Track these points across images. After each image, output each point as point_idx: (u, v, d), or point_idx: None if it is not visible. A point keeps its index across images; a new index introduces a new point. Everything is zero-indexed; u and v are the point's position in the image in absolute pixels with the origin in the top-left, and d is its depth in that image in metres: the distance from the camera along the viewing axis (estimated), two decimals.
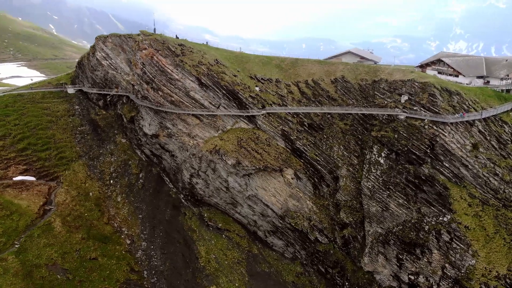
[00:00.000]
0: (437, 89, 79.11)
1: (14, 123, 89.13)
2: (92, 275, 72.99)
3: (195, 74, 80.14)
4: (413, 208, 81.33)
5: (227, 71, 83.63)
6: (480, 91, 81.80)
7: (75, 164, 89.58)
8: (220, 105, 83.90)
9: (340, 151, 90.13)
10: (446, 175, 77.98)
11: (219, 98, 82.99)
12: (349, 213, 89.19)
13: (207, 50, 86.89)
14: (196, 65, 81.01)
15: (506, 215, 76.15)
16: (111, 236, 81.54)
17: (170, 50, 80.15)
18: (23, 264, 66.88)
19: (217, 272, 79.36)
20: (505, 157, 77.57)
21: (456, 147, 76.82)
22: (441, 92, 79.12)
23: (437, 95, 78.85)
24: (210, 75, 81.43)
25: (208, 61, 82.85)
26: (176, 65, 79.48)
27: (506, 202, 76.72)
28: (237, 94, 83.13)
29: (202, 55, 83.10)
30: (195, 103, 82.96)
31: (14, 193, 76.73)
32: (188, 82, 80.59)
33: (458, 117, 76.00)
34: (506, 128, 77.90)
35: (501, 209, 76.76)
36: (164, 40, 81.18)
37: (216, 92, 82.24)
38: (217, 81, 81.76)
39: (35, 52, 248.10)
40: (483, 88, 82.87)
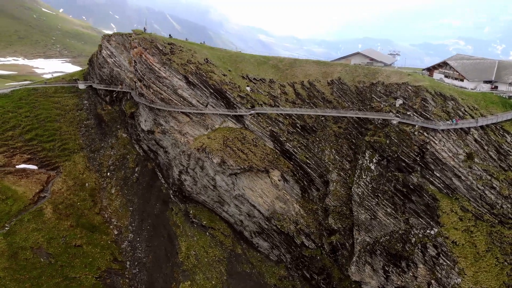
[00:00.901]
0: (429, 94, 74.38)
1: (25, 115, 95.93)
2: (74, 261, 76.84)
3: (182, 72, 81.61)
4: (401, 218, 77.19)
5: (216, 70, 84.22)
6: (482, 96, 75.70)
7: (76, 155, 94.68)
8: (208, 104, 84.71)
9: (331, 155, 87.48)
10: (437, 185, 73.16)
11: (207, 97, 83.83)
12: (338, 219, 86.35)
13: (199, 49, 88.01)
14: (184, 63, 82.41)
15: (502, 232, 70.00)
16: (99, 226, 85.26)
17: (157, 49, 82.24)
18: (10, 246, 71.90)
19: (194, 268, 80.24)
20: (505, 169, 71.17)
21: (448, 156, 71.79)
22: (434, 96, 74.27)
23: (429, 99, 74.17)
24: (199, 73, 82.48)
25: (198, 60, 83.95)
26: (163, 63, 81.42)
27: (503, 218, 70.51)
28: (224, 94, 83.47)
29: (192, 54, 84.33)
30: (184, 101, 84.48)
31: (14, 179, 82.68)
32: (176, 80, 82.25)
33: (449, 124, 70.92)
34: (508, 138, 71.42)
35: (497, 225, 70.67)
36: (153, 39, 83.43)
37: (203, 90, 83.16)
38: (205, 80, 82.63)
39: (81, 49, 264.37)
40: (486, 94, 76.60)
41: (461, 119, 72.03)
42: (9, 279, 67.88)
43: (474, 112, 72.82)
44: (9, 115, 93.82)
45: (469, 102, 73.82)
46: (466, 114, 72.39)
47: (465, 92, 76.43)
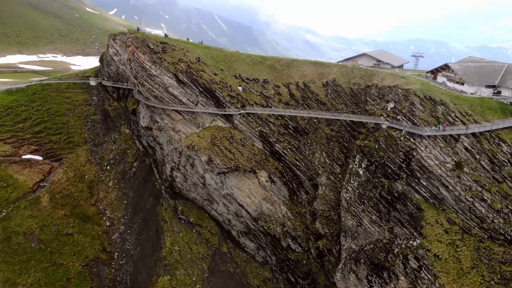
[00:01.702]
0: (417, 97, 70.64)
1: (36, 109, 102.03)
2: (64, 248, 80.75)
3: (172, 71, 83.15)
4: (385, 227, 74.09)
5: (207, 69, 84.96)
6: (479, 102, 70.62)
7: (79, 148, 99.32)
8: (198, 102, 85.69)
9: (322, 158, 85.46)
10: (423, 194, 69.50)
11: (196, 95, 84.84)
12: (325, 224, 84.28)
13: (192, 48, 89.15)
14: (176, 62, 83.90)
15: (491, 249, 65.14)
16: (93, 217, 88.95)
17: (149, 48, 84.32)
18: (4, 230, 76.90)
19: (176, 263, 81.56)
20: (499, 181, 65.97)
21: (434, 164, 67.90)
22: (422, 100, 70.43)
23: (416, 104, 70.48)
24: (189, 72, 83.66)
25: (189, 59, 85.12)
26: (154, 61, 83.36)
27: (494, 233, 65.57)
28: (214, 92, 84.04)
29: (184, 53, 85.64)
30: (175, 99, 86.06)
31: (18, 168, 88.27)
32: (166, 78, 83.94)
33: (435, 130, 66.97)
34: (504, 148, 66.06)
35: (486, 241, 65.89)
36: (145, 38, 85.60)
37: (193, 89, 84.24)
38: (195, 78, 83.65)
39: None
40: (484, 99, 71.40)
41: (451, 126, 67.75)
42: (0, 261, 72.66)
43: (467, 119, 68.16)
44: (21, 108, 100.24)
45: (463, 107, 69.20)
46: (456, 120, 67.95)
47: (461, 96, 71.71)
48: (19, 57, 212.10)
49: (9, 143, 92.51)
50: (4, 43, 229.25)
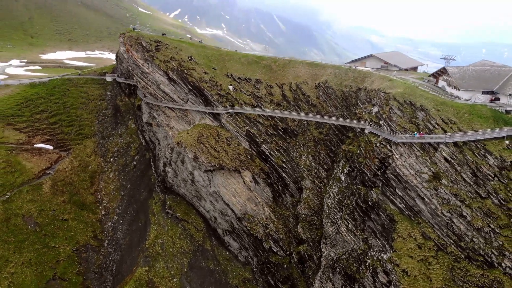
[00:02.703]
0: (396, 102, 66.48)
1: (54, 101, 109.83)
2: (57, 232, 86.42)
3: (163, 68, 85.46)
4: (360, 236, 70.86)
5: (198, 68, 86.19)
6: (469, 109, 64.78)
7: (88, 140, 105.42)
8: (188, 100, 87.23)
9: (308, 161, 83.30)
10: (398, 205, 65.59)
11: (186, 93, 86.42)
12: (307, 229, 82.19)
13: (186, 47, 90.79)
14: (167, 60, 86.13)
15: (467, 270, 59.97)
16: (90, 205, 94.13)
17: (141, 46, 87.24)
18: (5, 211, 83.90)
19: (157, 256, 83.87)
20: (483, 197, 60.25)
21: (409, 173, 63.71)
22: (401, 105, 66.17)
23: (394, 109, 66.43)
24: (180, 70, 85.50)
25: (181, 58, 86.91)
26: (146, 59, 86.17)
27: (472, 253, 60.31)
28: (202, 91, 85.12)
29: (177, 52, 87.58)
30: (167, 96, 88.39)
31: (27, 156, 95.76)
32: (158, 76, 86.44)
33: (410, 137, 62.60)
34: (491, 160, 60.10)
35: (462, 261, 60.80)
36: (138, 37, 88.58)
37: (182, 87, 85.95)
38: (185, 77, 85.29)
39: None
40: (475, 106, 65.35)
41: (430, 133, 62.89)
42: None
43: (450, 126, 62.88)
44: (41, 101, 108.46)
45: (446, 114, 63.92)
46: (437, 127, 62.95)
47: (448, 102, 66.25)
48: (68, 53, 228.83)
49: (24, 132, 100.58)
50: (56, 39, 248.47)
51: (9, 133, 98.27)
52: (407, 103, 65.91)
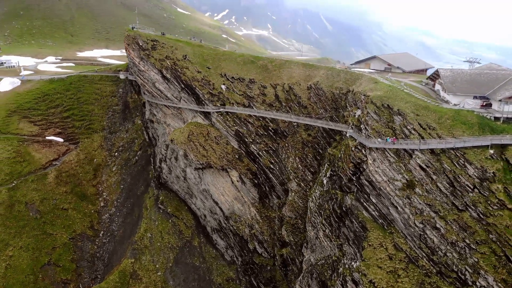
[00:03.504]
0: (373, 105, 63.81)
1: (69, 97, 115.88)
2: (56, 220, 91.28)
3: (158, 67, 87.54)
4: (335, 243, 68.79)
5: (191, 66, 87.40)
6: (453, 114, 60.80)
7: (96, 134, 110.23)
8: (181, 98, 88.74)
9: (295, 163, 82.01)
10: (371, 212, 63.17)
11: (179, 91, 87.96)
12: (290, 232, 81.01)
13: (182, 46, 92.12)
14: (162, 59, 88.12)
15: (438, 286, 56.83)
16: (90, 196, 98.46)
17: (138, 45, 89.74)
18: (10, 198, 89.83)
19: (145, 249, 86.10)
20: (460, 209, 56.55)
21: (382, 180, 61.11)
22: (379, 109, 63.39)
23: (370, 112, 63.82)
24: (174, 69, 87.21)
25: (176, 56, 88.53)
26: (141, 58, 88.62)
27: (444, 269, 56.96)
28: (194, 90, 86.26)
29: (172, 51, 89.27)
30: (162, 94, 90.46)
31: (38, 147, 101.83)
32: (152, 74, 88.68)
33: (382, 142, 59.84)
34: (470, 170, 56.08)
35: (434, 276, 57.63)
36: (136, 36, 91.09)
37: (175, 85, 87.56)
38: (179, 75, 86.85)
39: None
40: (461, 112, 61.18)
41: (405, 139, 59.72)
42: (0, 224, 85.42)
43: (428, 132, 59.43)
44: (57, 96, 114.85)
45: (425, 119, 60.45)
46: (413, 133, 59.67)
47: (432, 107, 62.54)
48: (104, 52, 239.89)
49: (38, 125, 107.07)
50: (94, 38, 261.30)
51: (24, 125, 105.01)
52: (384, 106, 63.02)
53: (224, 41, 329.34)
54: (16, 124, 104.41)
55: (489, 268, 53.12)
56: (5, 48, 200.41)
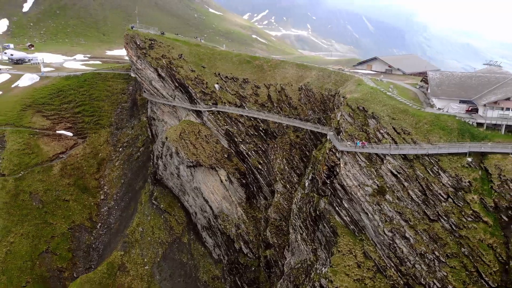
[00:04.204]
0: (349, 108, 62.02)
1: (82, 93, 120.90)
2: (57, 211, 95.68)
3: (154, 65, 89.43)
4: (310, 247, 67.54)
5: (186, 65, 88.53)
6: (433, 119, 57.83)
7: (103, 130, 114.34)
8: (176, 96, 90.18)
9: (282, 165, 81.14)
10: (343, 217, 61.64)
11: (173, 90, 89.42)
12: (274, 233, 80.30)
13: (179, 45, 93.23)
14: (159, 58, 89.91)
15: None
16: (91, 189, 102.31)
17: (135, 44, 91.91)
18: (16, 187, 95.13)
19: (134, 243, 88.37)
20: (432, 219, 53.94)
21: (353, 185, 59.33)
22: (354, 112, 61.54)
23: (345, 115, 62.10)
24: (169, 67, 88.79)
25: (172, 55, 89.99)
26: (138, 56, 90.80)
27: (412, 281, 54.73)
28: (187, 88, 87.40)
29: (169, 50, 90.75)
30: (158, 92, 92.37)
31: (47, 140, 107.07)
32: (149, 72, 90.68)
33: (352, 146, 57.90)
34: (444, 178, 53.19)
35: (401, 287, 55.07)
36: (134, 35, 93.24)
37: (170, 84, 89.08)
38: (173, 74, 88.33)
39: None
40: (441, 116, 58.04)
41: (377, 143, 57.48)
42: (4, 211, 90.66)
43: (402, 137, 56.90)
44: (70, 92, 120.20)
45: (403, 123, 57.88)
46: (386, 137, 57.34)
47: (411, 111, 59.75)
48: None
49: (50, 119, 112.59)
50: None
51: (37, 119, 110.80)
52: (359, 109, 61.00)
53: (253, 41, 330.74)
54: (30, 118, 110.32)
55: (458, 284, 50.36)
56: (40, 45, 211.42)
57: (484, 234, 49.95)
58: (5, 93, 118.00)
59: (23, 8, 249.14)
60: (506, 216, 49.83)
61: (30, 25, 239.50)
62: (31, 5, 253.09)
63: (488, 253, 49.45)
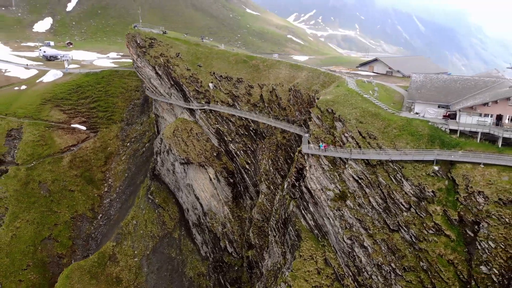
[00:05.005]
0: (318, 110, 60.24)
1: (98, 89, 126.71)
2: (62, 200, 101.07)
3: (152, 64, 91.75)
4: (280, 249, 66.58)
5: (182, 64, 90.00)
6: (404, 123, 54.82)
7: (114, 125, 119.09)
8: (172, 94, 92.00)
9: (267, 166, 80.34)
10: (308, 221, 60.51)
11: (169, 88, 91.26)
12: (256, 234, 79.80)
13: (178, 44, 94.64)
14: (157, 56, 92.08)
15: None
16: (97, 181, 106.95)
17: (136, 42, 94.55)
18: (27, 176, 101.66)
19: (127, 235, 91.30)
20: (392, 229, 51.47)
21: (317, 188, 57.75)
22: (322, 114, 59.80)
23: (313, 117, 60.30)
24: (166, 66, 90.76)
25: (170, 54, 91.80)
26: (138, 55, 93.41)
27: None
28: (181, 86, 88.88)
29: (168, 48, 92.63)
30: (156, 90, 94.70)
31: (61, 133, 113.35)
32: (148, 70, 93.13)
33: (315, 149, 56.21)
34: (407, 187, 50.32)
35: None
36: (135, 34, 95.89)
37: (166, 82, 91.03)
38: (169, 72, 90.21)
39: (257, 46, 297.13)
40: (413, 121, 54.83)
41: (341, 147, 55.38)
42: (14, 198, 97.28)
43: (367, 141, 54.45)
44: (88, 88, 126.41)
45: (370, 127, 55.36)
46: (350, 141, 55.12)
47: (382, 114, 56.94)
48: None
49: (67, 113, 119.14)
50: None
51: (54, 113, 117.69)
52: (328, 111, 59.07)
53: (287, 41, 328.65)
54: (48, 111, 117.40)
55: None
56: (79, 43, 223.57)
57: (444, 248, 46.69)
58: (30, 87, 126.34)
59: (67, 8, 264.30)
60: (472, 231, 46.20)
61: (72, 24, 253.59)
62: (75, 5, 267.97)
63: (447, 270, 46.18)
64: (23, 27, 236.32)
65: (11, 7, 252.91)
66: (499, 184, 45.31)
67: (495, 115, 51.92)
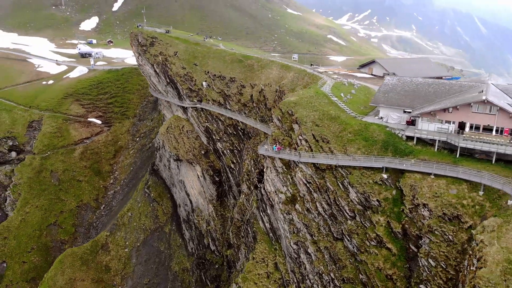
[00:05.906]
0: (279, 111, 58.88)
1: (117, 86, 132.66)
2: (70, 189, 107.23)
3: (151, 62, 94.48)
4: (244, 250, 66.16)
5: (178, 63, 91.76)
6: (361, 128, 52.26)
7: (127, 120, 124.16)
8: (168, 92, 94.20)
9: (249, 166, 79.74)
10: (265, 224, 60.08)
11: (165, 85, 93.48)
12: (235, 234, 79.61)
13: (177, 43, 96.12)
14: (157, 55, 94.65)
15: None
16: (104, 173, 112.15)
17: (137, 41, 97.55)
18: (41, 165, 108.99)
19: (121, 226, 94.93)
20: (336, 237, 49.67)
21: (271, 190, 56.79)
22: (283, 116, 58.42)
23: (274, 118, 59.03)
24: (164, 64, 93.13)
25: (169, 53, 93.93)
26: (139, 53, 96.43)
27: None
28: (176, 84, 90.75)
29: (167, 47, 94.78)
30: (156, 87, 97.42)
31: (77, 126, 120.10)
32: (147, 68, 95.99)
33: (269, 150, 55.11)
34: (352, 194, 48.07)
35: None
36: (137, 33, 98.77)
37: (162, 80, 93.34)
38: (166, 70, 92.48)
39: (294, 46, 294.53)
40: (370, 126, 52.04)
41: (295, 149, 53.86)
42: (27, 185, 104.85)
43: (320, 145, 52.54)
44: (108, 84, 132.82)
45: (325, 131, 53.36)
46: (303, 144, 53.45)
47: (341, 118, 54.54)
48: None
49: (85, 108, 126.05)
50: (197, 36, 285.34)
51: (74, 107, 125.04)
52: (289, 113, 57.57)
53: (326, 42, 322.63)
54: (68, 105, 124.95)
55: None
56: (119, 42, 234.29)
57: (384, 262, 44.21)
58: (56, 82, 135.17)
59: (113, 7, 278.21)
60: (416, 246, 43.24)
61: (116, 23, 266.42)
62: (120, 5, 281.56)
63: (384, 285, 43.70)
64: (70, 25, 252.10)
65: (61, 6, 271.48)
66: (445, 198, 42.02)
67: (457, 122, 47.93)
